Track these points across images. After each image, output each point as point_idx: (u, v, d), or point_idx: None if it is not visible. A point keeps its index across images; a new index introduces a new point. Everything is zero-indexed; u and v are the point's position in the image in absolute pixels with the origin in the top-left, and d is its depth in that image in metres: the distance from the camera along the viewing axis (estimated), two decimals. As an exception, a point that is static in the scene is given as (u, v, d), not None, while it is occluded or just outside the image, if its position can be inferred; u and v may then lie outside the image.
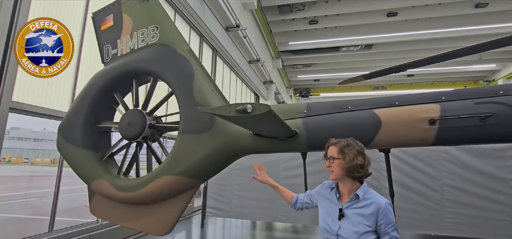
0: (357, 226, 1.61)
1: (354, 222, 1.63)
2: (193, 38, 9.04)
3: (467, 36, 15.56)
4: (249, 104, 1.40)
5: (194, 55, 2.61)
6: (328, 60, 21.07)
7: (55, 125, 2.96)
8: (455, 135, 1.94)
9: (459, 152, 5.18)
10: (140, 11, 2.84)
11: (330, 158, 1.73)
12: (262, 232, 7.01)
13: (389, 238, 1.60)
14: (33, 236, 3.95)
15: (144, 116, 2.62)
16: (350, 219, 1.65)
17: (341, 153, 1.70)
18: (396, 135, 2.02)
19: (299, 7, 14.38)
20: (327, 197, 1.84)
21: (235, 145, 2.29)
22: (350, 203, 1.69)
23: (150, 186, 2.43)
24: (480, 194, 4.96)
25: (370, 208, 1.63)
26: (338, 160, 1.69)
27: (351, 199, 1.69)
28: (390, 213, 1.63)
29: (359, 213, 1.64)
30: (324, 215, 1.80)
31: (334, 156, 1.71)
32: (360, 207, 1.66)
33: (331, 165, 1.72)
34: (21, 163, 31.42)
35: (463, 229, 5.00)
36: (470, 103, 1.95)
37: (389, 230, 1.60)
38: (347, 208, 1.69)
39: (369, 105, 2.14)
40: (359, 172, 1.69)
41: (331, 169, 1.72)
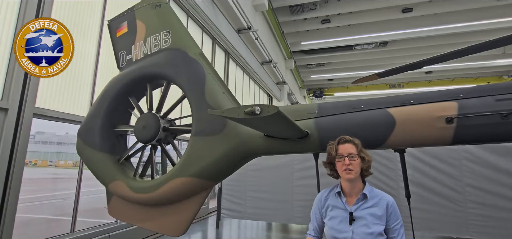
0: (372, 227, 1.55)
1: (368, 222, 1.56)
2: (205, 42, 9.17)
3: (488, 29, 14.85)
4: (257, 106, 1.40)
5: (206, 58, 2.65)
6: (341, 59, 20.74)
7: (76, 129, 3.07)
8: (474, 133, 1.87)
9: (482, 150, 4.95)
10: (153, 17, 2.92)
11: (351, 155, 1.61)
12: (277, 234, 6.98)
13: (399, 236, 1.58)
14: (56, 236, 4.13)
15: (158, 120, 2.68)
16: (363, 220, 1.57)
17: (361, 151, 1.64)
18: (412, 134, 1.97)
19: (311, 7, 14.25)
20: (333, 204, 1.69)
21: (247, 146, 2.31)
22: (358, 204, 1.62)
23: (165, 187, 2.48)
24: (506, 195, 4.71)
25: (380, 206, 1.59)
26: (359, 158, 1.61)
27: (358, 199, 1.62)
28: (397, 209, 1.61)
29: (371, 213, 1.58)
30: (331, 224, 1.64)
31: (354, 153, 1.61)
32: (370, 206, 1.59)
33: (352, 162, 1.60)
34: (46, 166, 32.91)
35: (488, 232, 4.77)
36: (491, 100, 1.87)
37: (397, 226, 1.58)
38: (357, 210, 1.60)
39: (383, 105, 2.09)
40: (369, 172, 1.67)
41: (352, 167, 1.59)
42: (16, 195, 3.35)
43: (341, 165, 1.62)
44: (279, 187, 6.21)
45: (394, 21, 15.18)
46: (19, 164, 3.38)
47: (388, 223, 1.57)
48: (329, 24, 15.70)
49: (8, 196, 3.23)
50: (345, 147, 1.64)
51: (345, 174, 1.61)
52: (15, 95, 3.45)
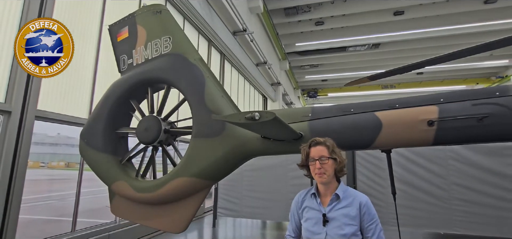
0: (345, 228, 1.52)
1: (341, 224, 1.53)
2: (201, 44, 9.28)
3: (476, 32, 15.33)
4: (256, 112, 1.55)
5: (205, 64, 2.78)
6: (335, 60, 21.03)
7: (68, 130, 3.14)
8: (453, 135, 2.04)
9: (466, 150, 5.19)
10: (153, 23, 3.02)
11: (322, 158, 1.59)
12: (272, 232, 7.14)
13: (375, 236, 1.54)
14: (59, 235, 4.21)
15: (160, 122, 2.80)
16: (336, 222, 1.55)
17: (333, 152, 1.62)
18: (396, 136, 2.13)
19: (305, 9, 14.47)
20: (309, 206, 1.68)
21: (245, 147, 2.44)
22: (332, 205, 1.59)
23: (166, 187, 2.60)
24: (489, 192, 4.97)
25: (354, 206, 1.56)
26: (330, 159, 1.59)
27: (331, 200, 1.60)
28: (371, 208, 1.58)
29: (344, 214, 1.55)
30: (307, 225, 1.63)
31: (325, 156, 1.59)
32: (343, 206, 1.57)
33: (323, 165, 1.58)
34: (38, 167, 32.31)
35: (472, 227, 5.01)
36: (468, 104, 2.04)
37: (372, 226, 1.54)
38: (330, 211, 1.58)
39: (371, 108, 2.25)
40: (344, 171, 1.65)
41: (323, 170, 1.58)
42: (19, 195, 3.43)
43: (313, 169, 1.61)
44: (274, 187, 6.35)
45: (386, 24, 15.52)
46: (22, 165, 3.46)
47: (363, 223, 1.55)
48: (323, 26, 15.95)
49: (12, 196, 3.31)
50: (317, 149, 1.62)
51: (317, 177, 1.61)
52: (18, 98, 3.52)
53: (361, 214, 1.55)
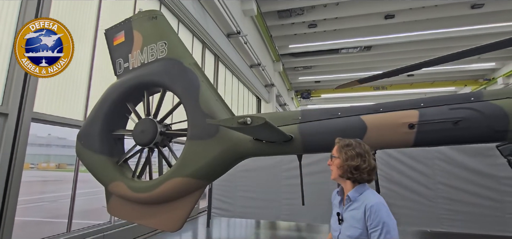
0: (350, 230, 1.56)
1: (349, 225, 1.58)
2: (196, 46, 9.35)
3: (464, 36, 15.77)
4: (248, 117, 1.68)
5: (200, 68, 2.89)
6: (328, 62, 21.30)
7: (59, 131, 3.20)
8: (431, 137, 2.20)
9: (452, 151, 5.42)
10: (149, 28, 3.10)
11: (332, 156, 1.70)
12: (266, 231, 7.25)
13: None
14: (54, 236, 4.24)
15: (155, 124, 2.88)
16: (346, 222, 1.61)
17: (339, 151, 1.68)
18: (380, 138, 2.28)
19: (298, 12, 14.65)
20: (335, 203, 1.79)
21: (238, 149, 2.55)
22: (347, 206, 1.65)
23: (162, 187, 2.69)
24: (473, 191, 5.20)
25: (360, 209, 1.56)
26: (336, 158, 1.67)
27: (346, 200, 1.65)
28: (378, 212, 1.48)
29: (352, 216, 1.59)
30: (331, 220, 1.74)
31: (333, 155, 1.69)
32: (353, 209, 1.60)
33: (331, 163, 1.70)
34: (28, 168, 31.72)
35: (457, 225, 5.23)
36: (445, 109, 2.20)
37: (375, 232, 1.46)
38: (345, 211, 1.65)
39: (357, 112, 2.40)
40: (352, 174, 1.60)
41: (331, 167, 1.70)
42: (16, 197, 3.46)
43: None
44: (267, 187, 6.48)
45: (377, 27, 15.82)
46: (18, 167, 3.49)
47: (368, 227, 1.51)
48: (316, 29, 16.17)
49: (8, 198, 3.35)
50: (334, 149, 1.74)
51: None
52: (15, 101, 3.55)
53: (365, 218, 1.52)
